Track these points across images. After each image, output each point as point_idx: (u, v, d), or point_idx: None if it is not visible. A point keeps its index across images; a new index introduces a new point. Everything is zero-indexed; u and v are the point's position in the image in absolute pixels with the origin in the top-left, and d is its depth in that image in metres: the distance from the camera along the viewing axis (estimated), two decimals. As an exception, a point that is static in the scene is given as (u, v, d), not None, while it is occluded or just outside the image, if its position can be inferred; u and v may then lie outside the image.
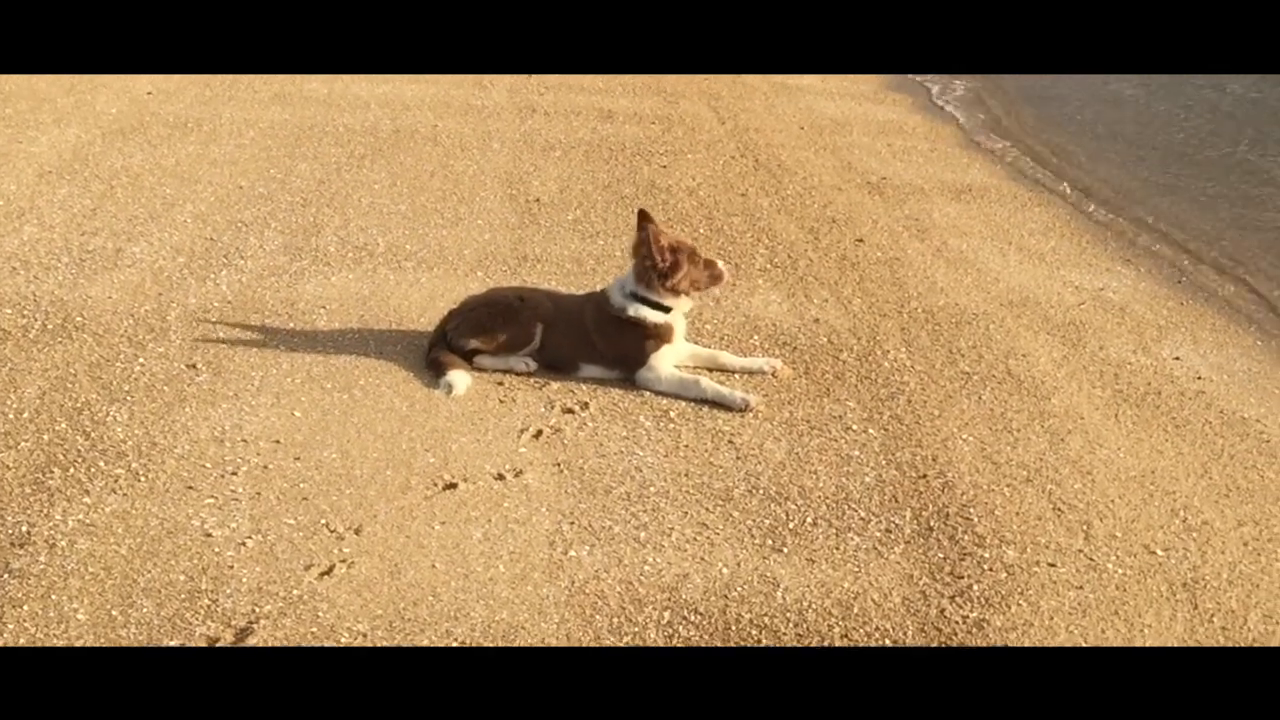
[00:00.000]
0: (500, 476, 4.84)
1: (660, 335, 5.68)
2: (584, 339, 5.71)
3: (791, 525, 4.62)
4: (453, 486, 4.75)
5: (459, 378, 5.52)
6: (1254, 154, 11.03)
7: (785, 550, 4.46)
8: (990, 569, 4.43)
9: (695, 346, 5.96)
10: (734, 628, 4.02)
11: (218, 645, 3.78)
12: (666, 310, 5.70)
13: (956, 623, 4.11)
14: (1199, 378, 6.24)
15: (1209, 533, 4.78)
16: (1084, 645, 4.05)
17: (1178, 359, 6.45)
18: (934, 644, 4.01)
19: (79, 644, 3.76)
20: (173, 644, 3.78)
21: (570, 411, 5.40)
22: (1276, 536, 4.80)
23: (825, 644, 3.97)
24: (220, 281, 6.61)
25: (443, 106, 10.44)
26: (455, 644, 3.85)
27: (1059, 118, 12.22)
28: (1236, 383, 6.24)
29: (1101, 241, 8.37)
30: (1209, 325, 7.00)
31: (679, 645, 3.93)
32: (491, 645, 3.85)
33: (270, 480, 4.74)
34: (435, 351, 5.71)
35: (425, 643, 3.85)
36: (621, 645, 3.91)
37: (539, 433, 5.20)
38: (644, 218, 5.72)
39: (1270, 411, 5.92)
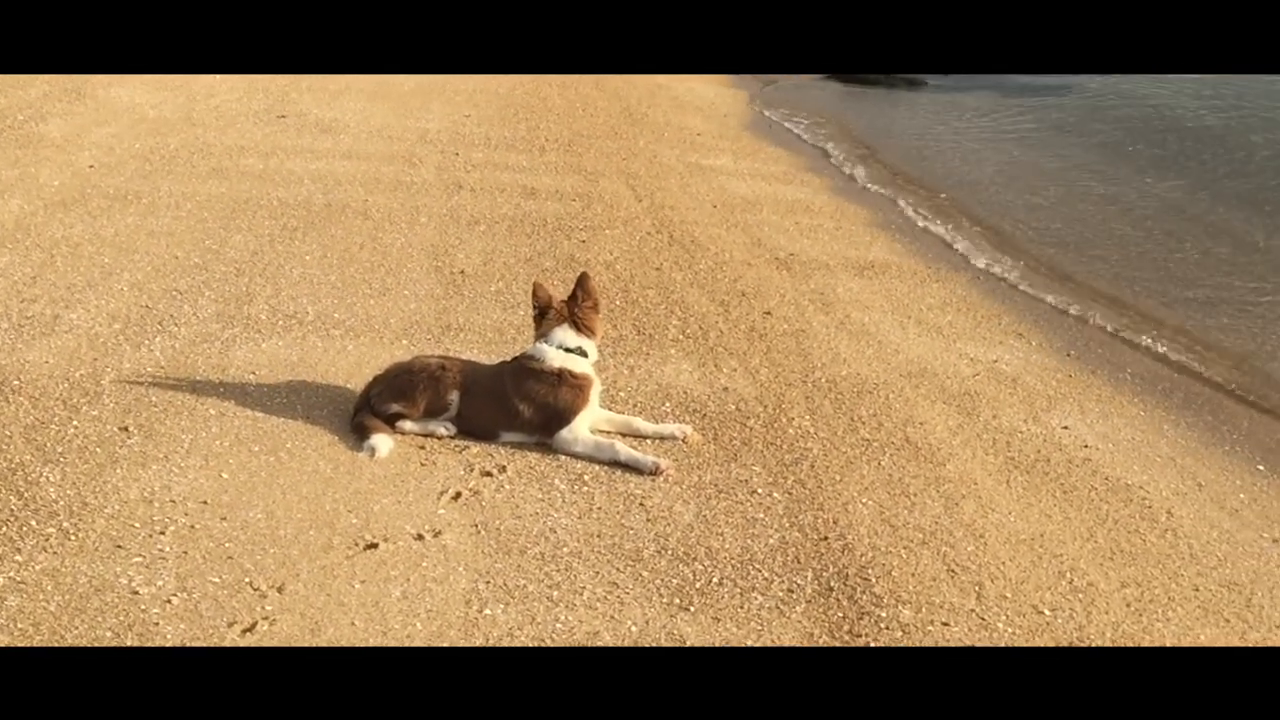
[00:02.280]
0: (420, 537, 4.78)
1: (584, 391, 5.69)
2: (501, 405, 5.67)
3: (698, 585, 4.59)
4: (374, 546, 4.69)
5: (382, 441, 5.47)
6: (1136, 231, 11.28)
7: (692, 609, 4.43)
8: (887, 628, 4.42)
9: (610, 412, 5.95)
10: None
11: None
12: (585, 355, 5.77)
13: (855, 680, 4.09)
14: (1086, 446, 6.30)
15: (1094, 594, 4.80)
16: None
17: (1066, 428, 6.51)
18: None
19: None
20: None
21: (489, 474, 5.35)
22: (1157, 598, 4.84)
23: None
24: (154, 347, 6.51)
25: (373, 182, 10.39)
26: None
27: (960, 193, 12.42)
28: (1121, 451, 6.31)
29: (995, 316, 8.46)
30: (1095, 396, 7.07)
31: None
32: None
33: (197, 539, 4.65)
34: (360, 416, 5.66)
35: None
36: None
37: (458, 494, 5.15)
38: (586, 278, 5.89)
39: (1152, 478, 5.99)
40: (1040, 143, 15.82)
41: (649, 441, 5.80)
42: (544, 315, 5.86)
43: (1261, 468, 6.32)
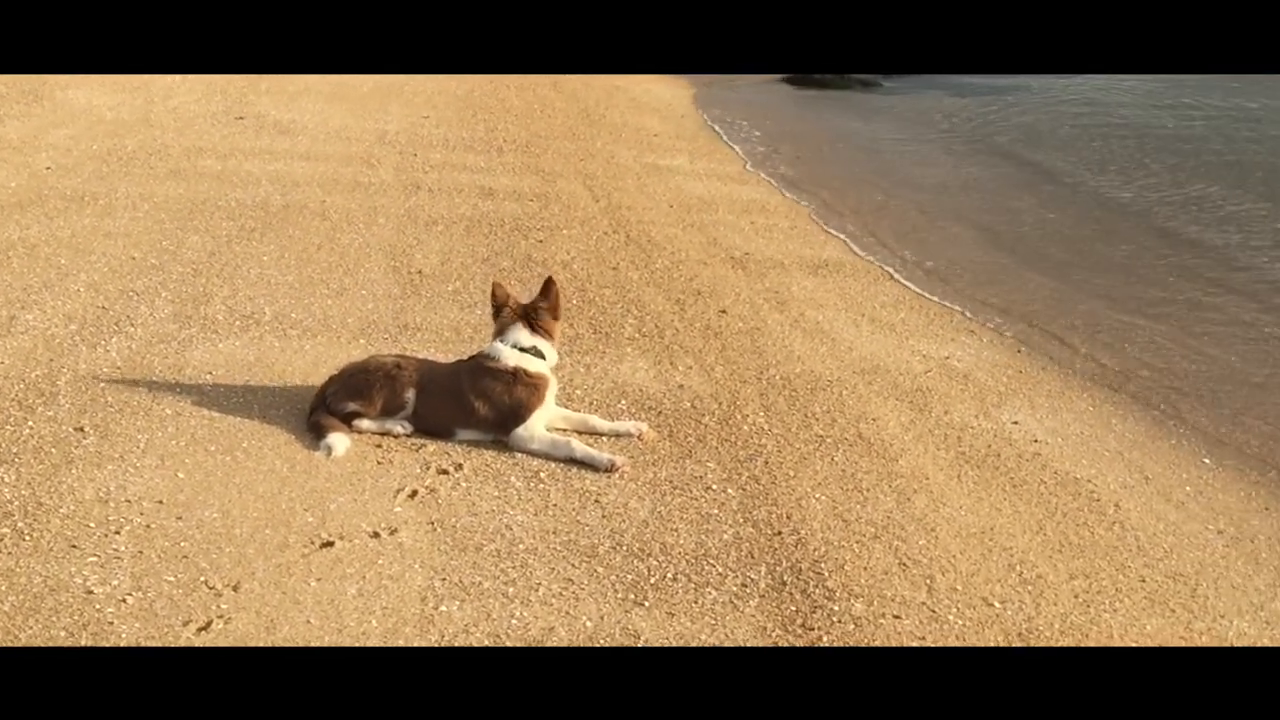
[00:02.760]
0: (376, 535, 4.76)
1: (540, 390, 5.67)
2: (458, 402, 5.65)
3: (653, 580, 4.59)
4: (329, 545, 4.66)
5: (338, 440, 5.43)
6: (1083, 230, 11.36)
7: (646, 604, 4.43)
8: (839, 621, 4.43)
9: (566, 410, 5.94)
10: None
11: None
12: (542, 357, 5.76)
13: (807, 672, 4.09)
14: (1036, 441, 6.33)
15: (1042, 586, 4.83)
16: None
17: (1016, 423, 6.55)
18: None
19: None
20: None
21: (445, 472, 5.33)
22: (1105, 589, 4.87)
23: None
24: (110, 348, 6.45)
25: (331, 183, 10.34)
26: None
27: (906, 192, 12.48)
28: (1070, 445, 6.35)
29: (947, 313, 8.50)
30: (1045, 391, 7.12)
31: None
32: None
33: (152, 539, 4.61)
34: (316, 415, 5.62)
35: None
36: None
37: (414, 493, 5.12)
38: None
39: (1100, 472, 6.03)
40: (990, 144, 15.90)
41: (605, 439, 5.79)
42: (499, 314, 5.85)
43: (1207, 460, 6.38)
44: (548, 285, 5.87)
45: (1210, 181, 13.55)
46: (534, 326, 5.78)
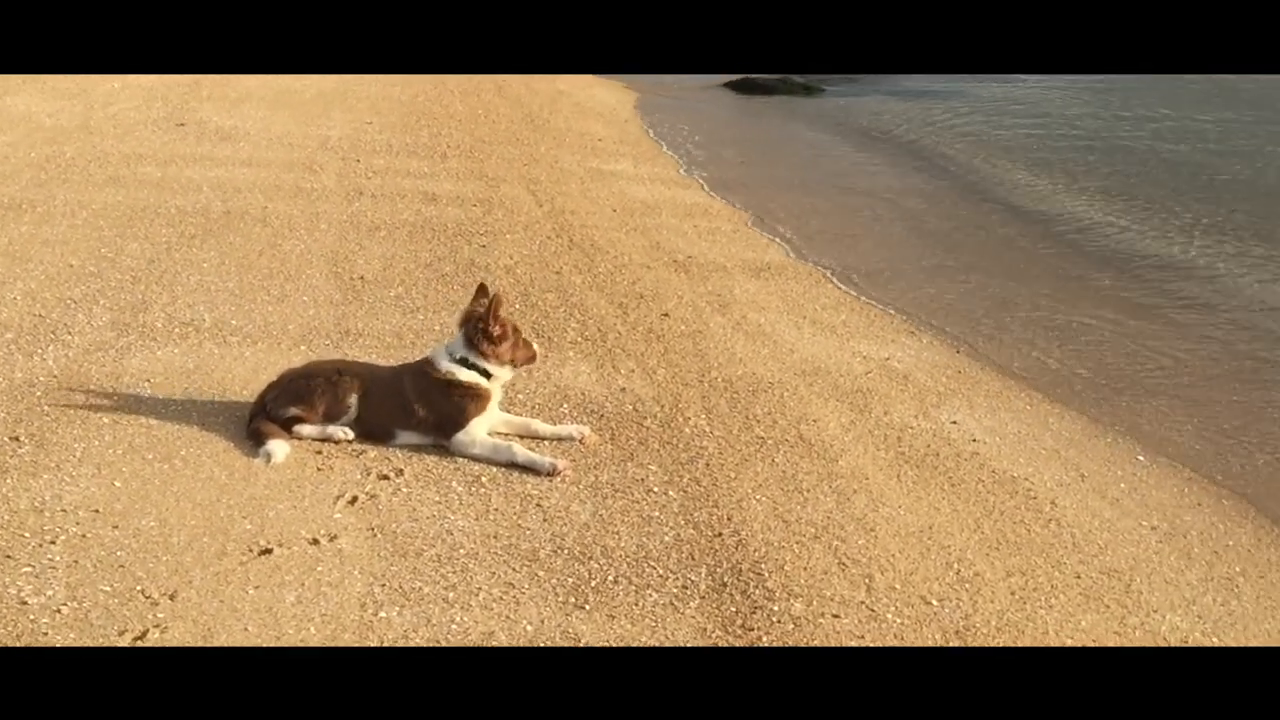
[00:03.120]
0: (315, 541, 4.71)
1: (480, 399, 5.62)
2: (401, 406, 5.61)
3: (594, 583, 4.57)
4: (268, 552, 4.61)
5: (278, 446, 5.38)
6: (1020, 231, 11.47)
7: (587, 607, 4.41)
8: (779, 621, 4.43)
9: (508, 415, 5.91)
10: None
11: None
12: (488, 377, 5.66)
13: (747, 673, 4.09)
14: (974, 440, 6.37)
15: (980, 583, 4.86)
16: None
17: (955, 423, 6.59)
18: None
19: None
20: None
21: (386, 478, 5.29)
22: (1041, 586, 4.90)
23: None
24: (47, 356, 6.36)
25: (273, 189, 10.26)
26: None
27: (846, 196, 12.55)
28: (1007, 444, 6.39)
29: (888, 315, 8.55)
30: (984, 391, 7.17)
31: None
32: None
33: (88, 548, 4.55)
34: (255, 422, 5.57)
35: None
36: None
37: (354, 499, 5.08)
38: (482, 291, 5.77)
39: (1037, 470, 6.07)
40: (930, 149, 16.03)
41: (547, 443, 5.77)
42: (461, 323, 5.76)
43: (1141, 458, 6.44)
44: (492, 306, 5.66)
45: (1151, 187, 13.76)
46: (474, 343, 5.68)
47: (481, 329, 5.62)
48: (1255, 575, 5.27)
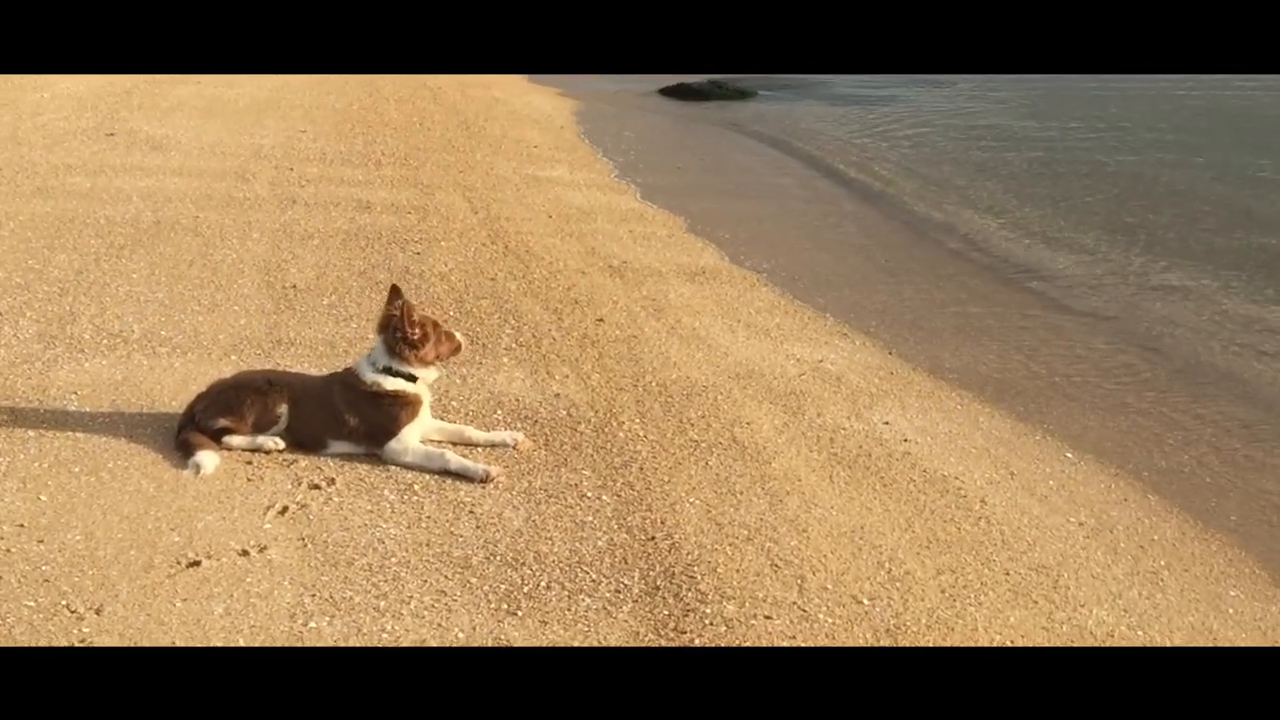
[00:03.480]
0: (244, 552, 4.66)
1: (411, 406, 5.58)
2: (332, 416, 5.56)
3: (526, 589, 4.55)
4: (196, 564, 4.55)
5: (207, 458, 5.31)
6: (950, 237, 11.57)
7: (519, 613, 4.39)
8: (711, 623, 4.43)
9: (441, 422, 5.87)
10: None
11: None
12: (414, 380, 5.62)
13: (679, 676, 4.08)
14: (905, 440, 6.40)
15: (910, 582, 4.88)
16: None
17: (887, 423, 6.62)
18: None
19: None
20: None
21: (317, 487, 5.24)
22: (971, 583, 4.93)
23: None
24: (-30, 369, 6.26)
25: (204, 199, 10.15)
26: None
27: (773, 201, 12.61)
28: (938, 444, 6.43)
29: (821, 318, 8.58)
30: (916, 391, 7.21)
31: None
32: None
33: (12, 563, 4.47)
34: (184, 433, 5.49)
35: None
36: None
37: (285, 509, 5.02)
38: (395, 293, 5.68)
39: (967, 469, 6.11)
40: (862, 154, 16.13)
41: (481, 450, 5.74)
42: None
43: (1069, 455, 6.50)
44: (404, 313, 5.58)
45: (1073, 193, 13.90)
46: (394, 349, 5.62)
47: (400, 337, 5.56)
48: (1179, 569, 5.34)
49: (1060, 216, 12.59)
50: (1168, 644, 4.67)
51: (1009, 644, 4.51)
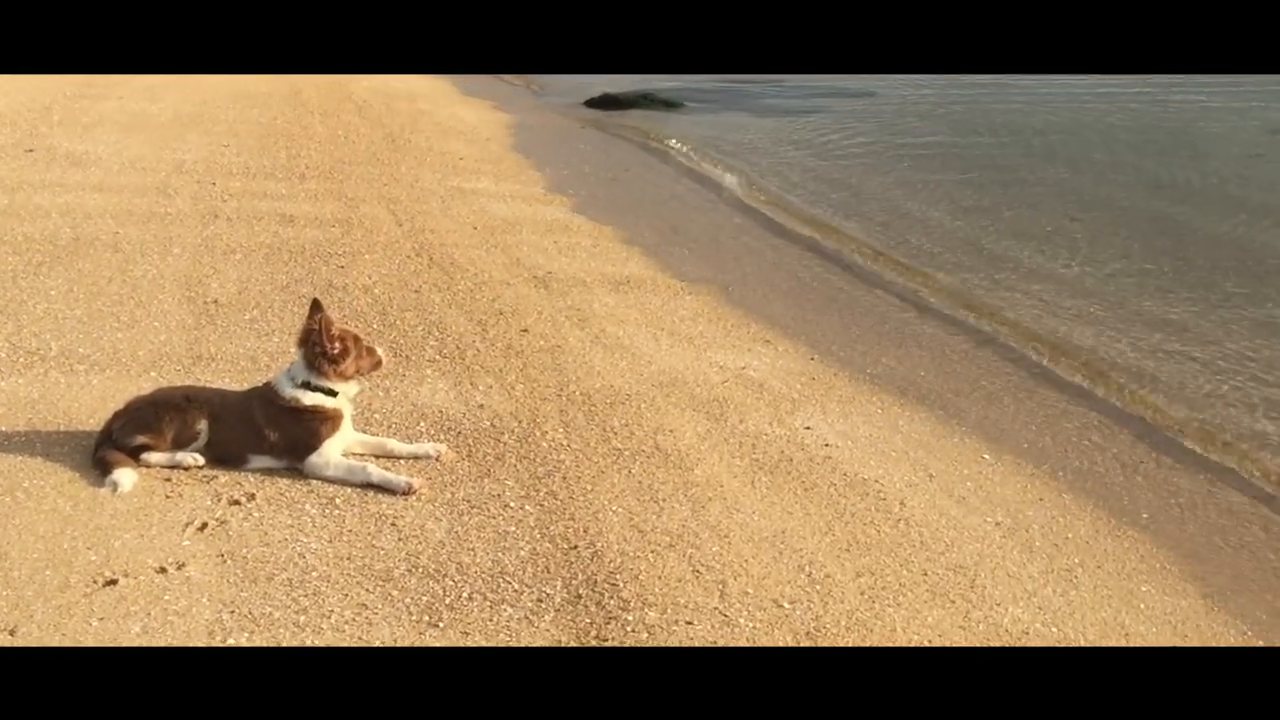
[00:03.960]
0: (162, 570, 4.59)
1: (332, 421, 5.54)
2: (252, 431, 5.50)
3: (448, 601, 4.53)
4: (113, 583, 4.48)
5: (125, 475, 5.23)
6: (869, 242, 11.68)
7: (441, 625, 4.37)
8: (633, 631, 4.43)
9: (363, 435, 5.82)
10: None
11: None
12: (334, 395, 5.57)
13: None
14: (827, 445, 6.44)
15: (830, 585, 4.91)
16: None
17: (809, 428, 6.65)
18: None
19: None
20: None
21: (237, 503, 5.18)
22: (889, 585, 4.97)
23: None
24: (-116, 390, 6.13)
25: (125, 214, 9.99)
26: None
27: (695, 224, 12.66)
28: (859, 447, 6.48)
29: (744, 325, 8.61)
30: (837, 397, 7.25)
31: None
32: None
33: (-76, 587, 4.39)
34: (101, 451, 5.40)
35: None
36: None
37: (204, 525, 4.96)
38: (316, 307, 5.62)
39: (887, 472, 6.16)
40: (783, 164, 16.25)
41: (404, 462, 5.71)
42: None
43: (987, 456, 6.58)
44: (322, 326, 5.54)
45: (993, 196, 14.13)
46: (313, 364, 5.56)
47: (320, 353, 5.51)
48: (1093, 566, 5.42)
49: (979, 223, 12.76)
50: (1081, 640, 4.74)
51: (926, 644, 4.55)
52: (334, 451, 5.52)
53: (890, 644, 4.51)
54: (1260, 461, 6.88)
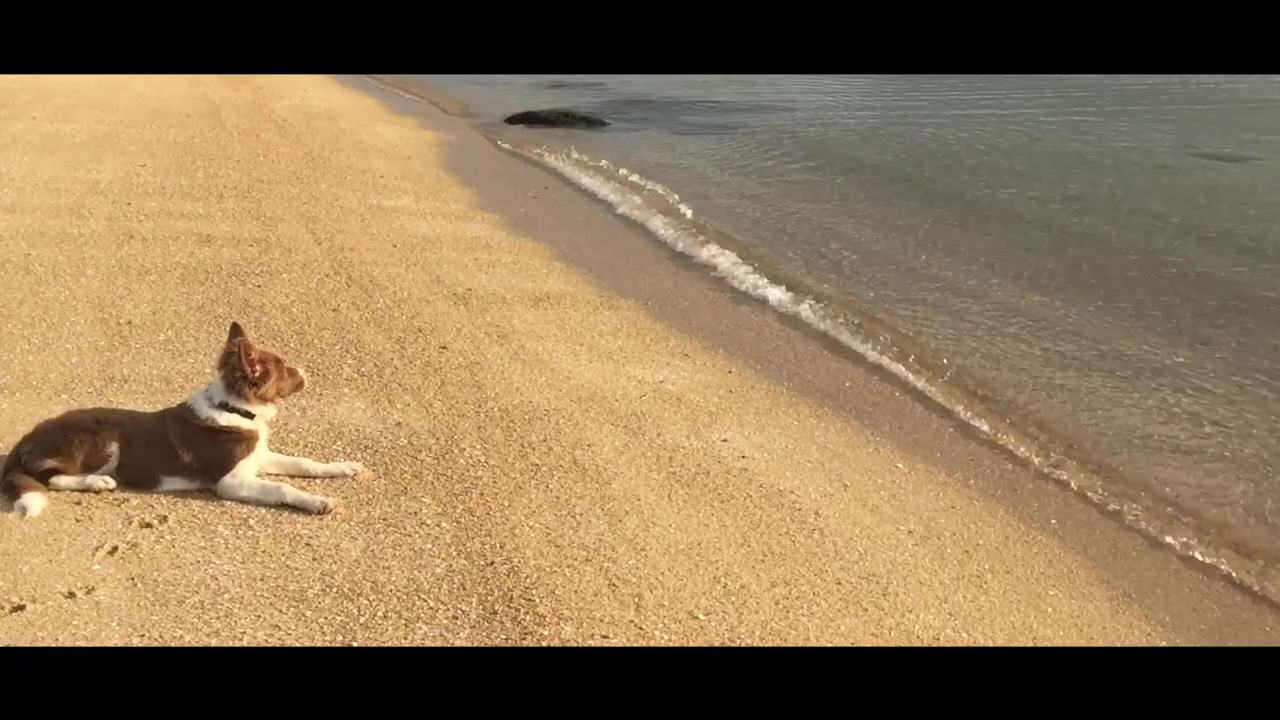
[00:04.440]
0: (71, 595, 4.51)
1: (247, 442, 5.47)
2: (165, 453, 5.42)
3: (363, 620, 4.49)
4: (20, 609, 4.38)
5: (33, 500, 5.13)
6: (792, 255, 11.77)
7: (355, 644, 4.33)
8: (548, 645, 4.42)
9: (278, 455, 5.76)
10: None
11: None
12: (251, 417, 5.51)
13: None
14: (743, 457, 6.47)
15: (746, 595, 4.92)
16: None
17: (726, 441, 6.68)
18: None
19: None
20: None
21: (149, 526, 5.09)
22: (804, 594, 5.00)
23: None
24: None
25: (37, 235, 9.83)
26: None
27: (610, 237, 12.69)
28: (775, 459, 6.51)
29: (663, 339, 8.63)
30: (754, 409, 7.29)
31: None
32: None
33: None
34: (10, 475, 5.29)
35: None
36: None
37: (115, 548, 4.87)
38: (236, 331, 5.56)
39: (803, 483, 6.20)
40: (704, 181, 16.39)
41: (320, 481, 5.66)
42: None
43: (900, 466, 6.64)
44: (241, 350, 5.47)
45: (919, 204, 14.34)
46: (232, 386, 5.50)
47: (240, 376, 5.45)
48: (1002, 571, 5.49)
49: (892, 228, 12.94)
50: (990, 644, 4.80)
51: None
52: (248, 472, 5.45)
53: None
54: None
